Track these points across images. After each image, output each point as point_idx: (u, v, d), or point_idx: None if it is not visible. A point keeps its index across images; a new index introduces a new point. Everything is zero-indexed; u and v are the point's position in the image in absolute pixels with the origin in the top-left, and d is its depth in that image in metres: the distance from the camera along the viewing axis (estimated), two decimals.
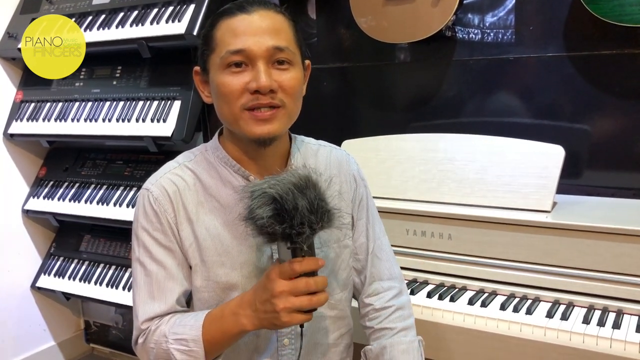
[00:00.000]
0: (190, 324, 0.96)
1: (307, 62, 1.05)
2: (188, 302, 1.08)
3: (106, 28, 2.07)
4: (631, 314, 1.32)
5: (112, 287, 2.16)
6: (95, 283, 2.19)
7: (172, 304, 1.01)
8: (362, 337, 1.46)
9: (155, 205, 1.00)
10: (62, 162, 2.35)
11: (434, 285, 1.54)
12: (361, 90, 2.21)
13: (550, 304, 1.39)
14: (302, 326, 0.95)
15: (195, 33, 1.84)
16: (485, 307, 1.40)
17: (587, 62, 1.78)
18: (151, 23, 1.97)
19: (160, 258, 1.01)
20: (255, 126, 0.96)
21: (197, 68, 1.04)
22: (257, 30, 0.94)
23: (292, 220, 0.83)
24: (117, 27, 2.04)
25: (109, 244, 2.26)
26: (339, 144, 1.78)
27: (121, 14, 2.07)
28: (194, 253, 1.02)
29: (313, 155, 1.12)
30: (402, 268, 1.60)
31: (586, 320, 1.29)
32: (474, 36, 1.94)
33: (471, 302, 1.42)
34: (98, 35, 2.07)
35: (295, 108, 1.01)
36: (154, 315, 1.00)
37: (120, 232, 2.20)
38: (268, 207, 0.83)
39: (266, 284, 0.88)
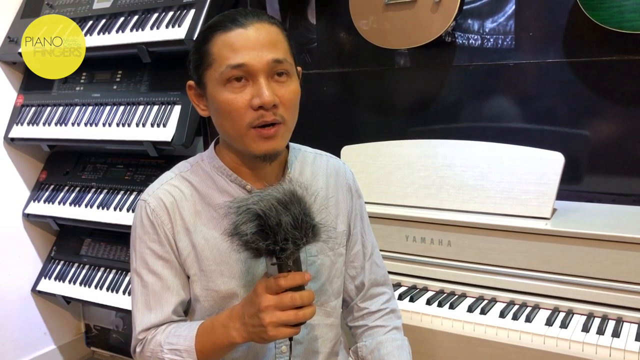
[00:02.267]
0: (184, 334, 0.97)
1: (299, 69, 1.06)
2: (187, 311, 1.08)
3: (106, 33, 2.07)
4: (631, 322, 1.32)
5: (112, 291, 2.16)
6: (96, 287, 2.19)
7: (168, 315, 1.01)
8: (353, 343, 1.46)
9: (152, 216, 1.01)
10: (62, 166, 2.35)
11: (433, 292, 1.54)
12: (361, 95, 2.21)
13: (550, 311, 1.39)
14: (291, 339, 0.95)
15: (195, 38, 1.84)
16: (485, 314, 1.40)
17: (586, 68, 1.77)
18: (151, 28, 1.97)
19: (156, 269, 1.01)
20: (261, 143, 0.96)
21: (191, 82, 1.04)
22: (255, 45, 0.94)
23: (275, 237, 0.83)
24: (117, 31, 2.04)
25: (109, 248, 2.26)
26: (339, 150, 1.79)
27: (121, 19, 2.07)
28: (192, 263, 1.02)
29: (310, 164, 1.12)
30: (401, 274, 1.61)
31: (585, 329, 1.29)
32: (473, 42, 1.94)
33: (470, 309, 1.42)
34: (98, 39, 2.07)
35: (293, 122, 1.02)
36: (151, 325, 1.01)
37: (121, 237, 2.20)
38: (252, 223, 0.83)
39: (253, 298, 0.89)
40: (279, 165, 1.07)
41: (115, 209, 2.11)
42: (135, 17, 2.04)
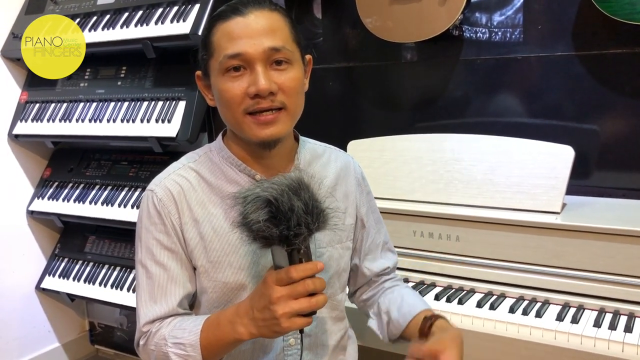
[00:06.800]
0: (189, 328, 0.95)
1: (308, 57, 1.05)
2: (192, 305, 1.07)
3: (111, 28, 2.06)
4: None
5: (116, 288, 2.15)
6: (100, 284, 2.19)
7: (173, 307, 1.00)
8: (365, 339, 1.45)
9: (159, 206, 0.99)
10: (66, 163, 2.34)
11: (441, 288, 1.53)
12: (367, 90, 2.19)
13: (560, 306, 1.37)
14: (302, 331, 0.93)
15: (200, 33, 1.83)
16: (494, 309, 1.38)
17: (596, 62, 1.75)
18: (156, 23, 1.96)
19: (162, 260, 1.00)
20: (258, 130, 0.95)
21: (198, 73, 1.04)
22: (252, 33, 0.93)
23: (288, 222, 0.82)
24: (121, 27, 2.03)
25: (113, 245, 2.25)
26: (345, 144, 1.78)
27: (126, 14, 2.06)
28: (199, 254, 1.01)
29: (319, 157, 1.12)
30: (409, 270, 1.60)
31: (597, 324, 1.27)
32: (481, 35, 1.92)
33: (479, 304, 1.40)
34: (103, 35, 2.06)
35: (297, 107, 1.00)
36: (155, 318, 0.99)
37: (125, 233, 2.19)
38: (263, 210, 0.82)
39: (263, 291, 0.87)
40: (288, 156, 1.06)
41: (119, 205, 2.10)
42: (140, 12, 2.03)
